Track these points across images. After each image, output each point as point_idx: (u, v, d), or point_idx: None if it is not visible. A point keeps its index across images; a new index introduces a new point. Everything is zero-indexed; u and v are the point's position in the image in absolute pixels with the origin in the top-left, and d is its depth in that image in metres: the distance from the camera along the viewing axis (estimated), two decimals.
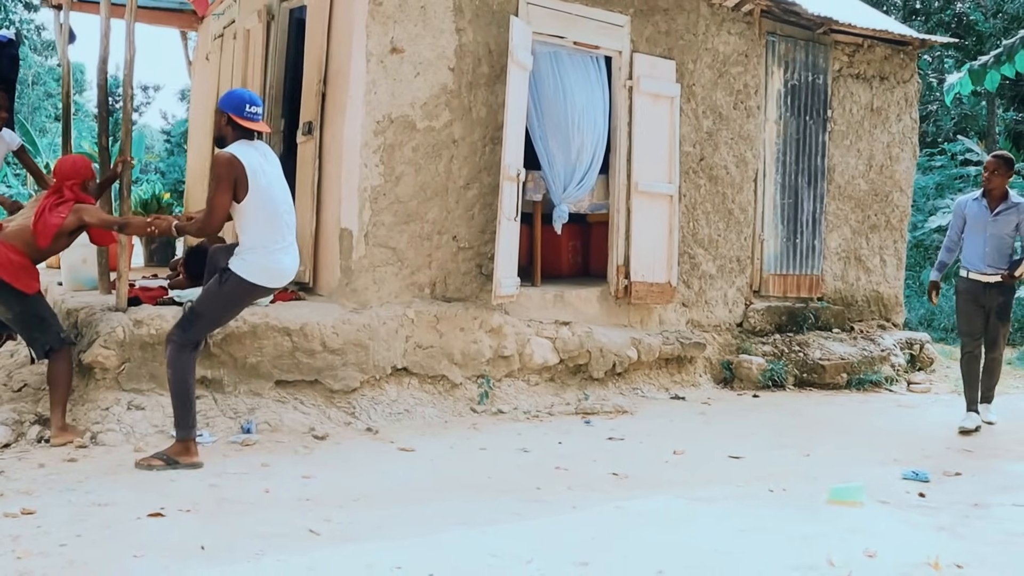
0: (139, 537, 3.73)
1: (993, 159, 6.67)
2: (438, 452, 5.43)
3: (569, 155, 7.39)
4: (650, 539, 4.00)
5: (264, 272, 4.88)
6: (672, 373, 7.78)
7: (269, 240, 4.88)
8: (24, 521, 3.86)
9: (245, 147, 4.88)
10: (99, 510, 4.05)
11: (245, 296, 4.98)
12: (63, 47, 8.88)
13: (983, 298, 6.70)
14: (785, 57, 8.69)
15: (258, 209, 4.84)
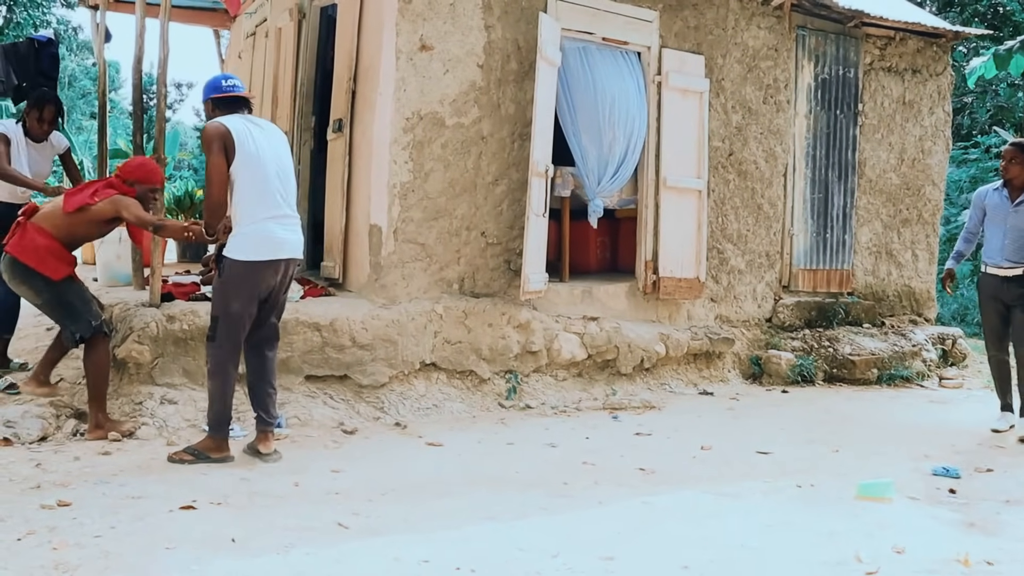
0: (171, 529, 3.79)
1: (1010, 147, 6.38)
2: (466, 447, 5.47)
3: (602, 149, 7.37)
4: (676, 534, 4.01)
5: (256, 245, 4.69)
6: (700, 369, 7.77)
7: (259, 210, 4.70)
8: (60, 513, 3.94)
9: (235, 118, 4.78)
10: (132, 503, 4.12)
11: (247, 279, 4.71)
12: (99, 46, 9.01)
13: (1002, 293, 6.38)
14: (815, 51, 8.63)
15: (246, 176, 4.68)
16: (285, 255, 4.81)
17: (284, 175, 4.85)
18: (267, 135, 4.85)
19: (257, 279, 4.75)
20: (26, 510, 3.94)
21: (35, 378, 5.36)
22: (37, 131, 6.16)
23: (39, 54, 7.04)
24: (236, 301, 4.74)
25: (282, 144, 4.94)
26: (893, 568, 3.65)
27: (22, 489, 4.25)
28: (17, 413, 5.23)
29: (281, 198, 4.79)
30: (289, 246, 4.82)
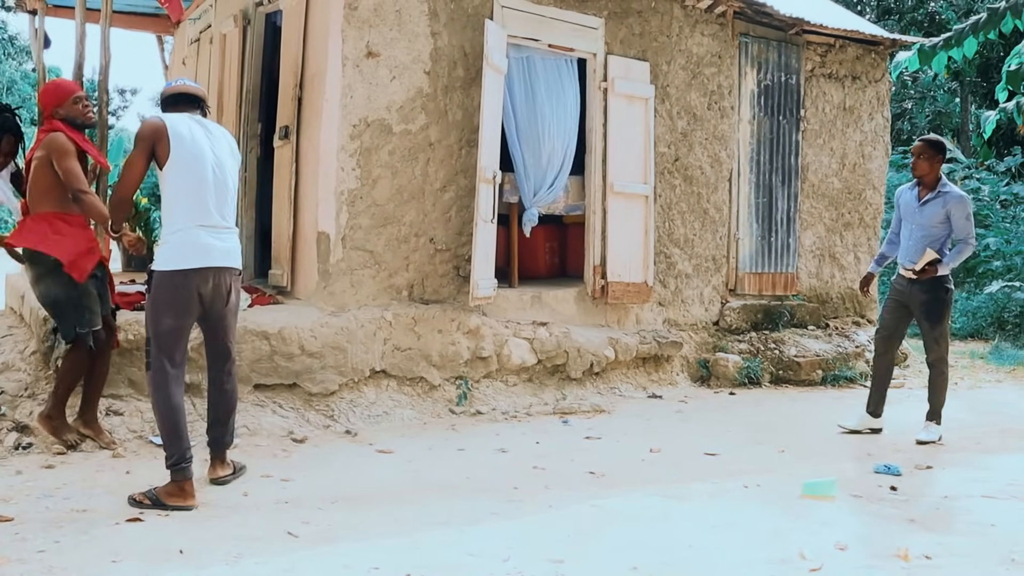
0: (117, 542, 3.75)
1: (918, 142, 6.19)
2: (417, 453, 5.47)
3: (540, 159, 7.45)
4: (625, 536, 4.05)
5: (183, 253, 4.36)
6: (649, 372, 7.85)
7: (188, 217, 4.38)
8: (1, 528, 3.87)
9: (179, 116, 4.51)
10: (77, 516, 4.06)
11: (176, 290, 4.34)
12: (38, 52, 8.87)
13: (906, 296, 6.21)
14: (758, 58, 8.78)
15: (179, 179, 4.37)
16: (216, 263, 4.42)
17: (222, 184, 4.51)
18: (213, 139, 4.54)
19: (187, 291, 4.36)
20: None
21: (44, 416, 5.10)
22: None
23: None
24: (167, 317, 4.36)
25: (228, 151, 4.61)
26: (836, 564, 3.73)
27: None
28: None
29: (215, 207, 4.46)
30: (220, 254, 4.45)
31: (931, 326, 6.18)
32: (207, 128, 4.57)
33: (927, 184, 6.17)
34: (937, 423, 6.26)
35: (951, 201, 6.05)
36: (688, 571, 3.67)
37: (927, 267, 6.04)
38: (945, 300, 6.15)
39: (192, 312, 4.46)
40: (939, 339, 6.21)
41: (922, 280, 6.10)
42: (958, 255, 6.07)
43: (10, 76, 33.11)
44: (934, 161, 6.12)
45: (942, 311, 6.16)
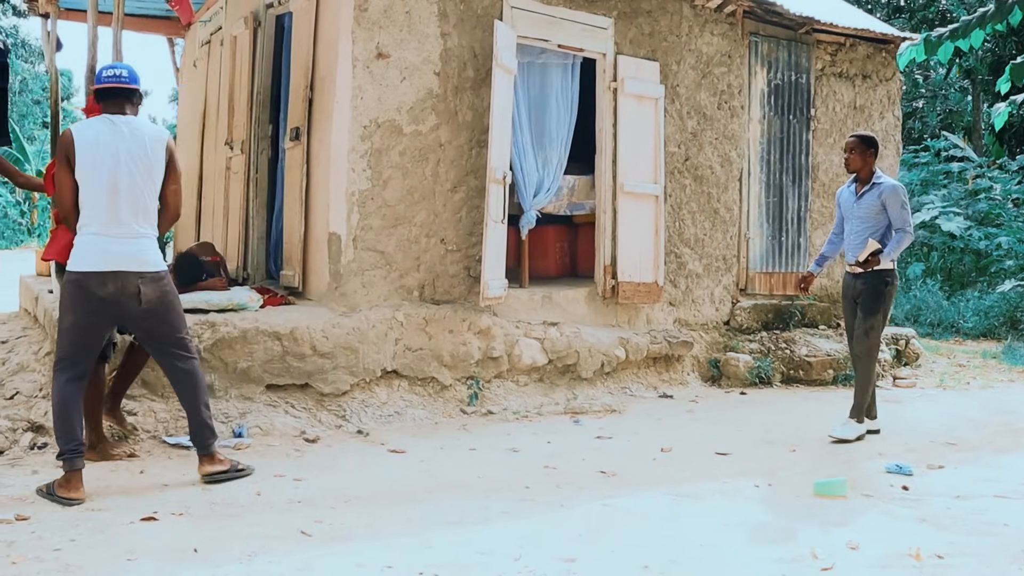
0: (132, 541, 3.78)
1: (850, 138, 6.25)
2: (428, 453, 5.49)
3: (536, 162, 7.49)
4: (636, 535, 4.07)
5: (80, 255, 4.45)
6: (660, 372, 7.85)
7: (92, 221, 4.46)
8: (19, 527, 3.91)
9: (94, 120, 4.58)
10: (93, 515, 4.10)
11: (77, 290, 4.44)
12: (51, 55, 8.94)
13: (852, 291, 6.25)
14: (768, 57, 8.77)
15: (83, 183, 4.45)
16: (113, 267, 4.44)
17: (129, 188, 4.49)
18: (126, 141, 4.50)
19: (84, 291, 4.43)
20: None
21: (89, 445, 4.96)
22: None
23: None
24: (70, 314, 4.48)
25: (140, 152, 4.52)
26: (847, 564, 3.74)
27: None
28: None
29: (119, 212, 4.47)
30: (117, 258, 4.45)
31: (864, 316, 6.15)
32: (120, 130, 4.53)
33: (862, 178, 6.23)
34: (858, 420, 6.20)
35: (885, 191, 6.09)
36: (699, 570, 3.68)
37: (870, 258, 6.04)
38: (883, 292, 6.11)
39: (92, 313, 4.48)
40: (869, 331, 6.16)
41: (863, 273, 6.14)
42: (897, 244, 6.04)
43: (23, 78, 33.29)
44: (866, 155, 6.17)
45: (877, 302, 6.12)
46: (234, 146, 8.22)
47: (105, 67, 4.75)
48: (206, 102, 9.45)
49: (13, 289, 9.36)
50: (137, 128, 4.57)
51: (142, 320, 4.59)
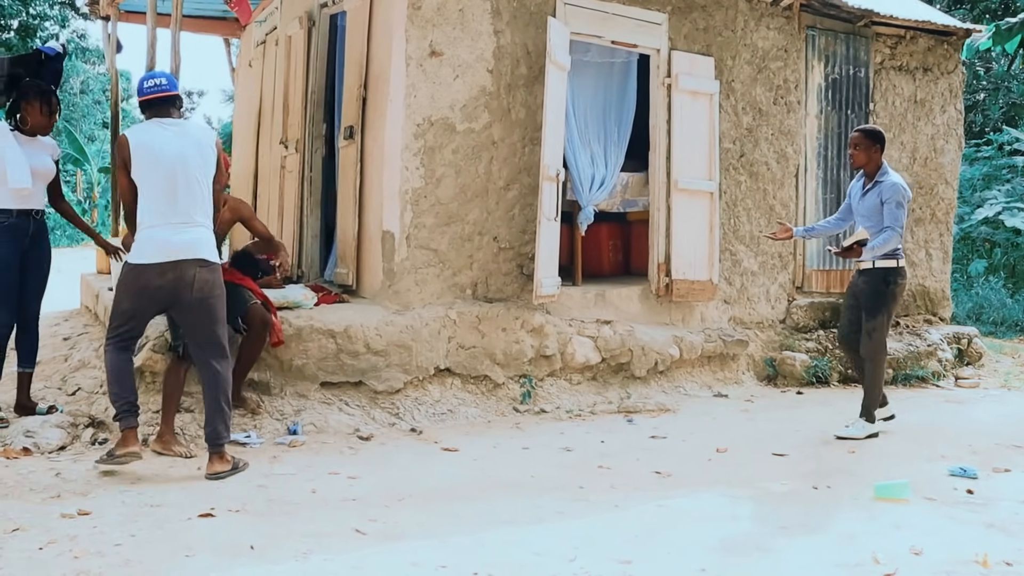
0: (190, 537, 3.82)
1: (855, 132, 6.11)
2: (481, 452, 5.48)
3: (594, 158, 7.45)
4: (693, 537, 4.02)
5: (141, 248, 4.75)
6: (715, 371, 7.76)
7: (151, 217, 4.74)
8: (81, 521, 3.97)
9: (146, 124, 4.87)
10: (152, 511, 4.15)
11: (133, 281, 4.75)
12: (111, 57, 9.10)
13: (856, 287, 6.14)
14: (825, 51, 8.62)
15: (142, 183, 4.75)
16: (172, 257, 4.71)
17: (186, 184, 4.77)
18: (178, 140, 4.79)
19: (142, 281, 4.73)
20: (47, 519, 3.97)
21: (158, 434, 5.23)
22: (42, 125, 5.64)
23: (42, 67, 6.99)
24: (125, 301, 4.81)
25: (194, 150, 4.81)
26: (911, 569, 3.65)
27: (43, 499, 4.29)
28: (36, 423, 5.27)
29: (178, 205, 4.76)
30: (176, 248, 4.72)
31: (867, 317, 6.01)
32: (171, 131, 4.83)
33: (869, 174, 6.09)
34: (868, 421, 6.08)
35: (884, 188, 5.94)
36: (758, 573, 3.62)
37: (855, 246, 5.87)
38: (883, 292, 5.96)
39: (146, 301, 4.79)
40: (872, 332, 6.00)
41: (867, 271, 6.01)
42: (883, 241, 5.84)
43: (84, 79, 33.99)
44: (871, 151, 6.01)
45: (879, 304, 5.97)
46: (289, 145, 8.29)
47: (144, 78, 4.99)
48: (261, 101, 9.55)
49: (75, 286, 9.54)
50: (187, 129, 4.91)
51: (190, 309, 4.81)
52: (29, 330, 5.67)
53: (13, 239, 5.48)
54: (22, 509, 4.10)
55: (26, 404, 5.65)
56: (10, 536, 3.76)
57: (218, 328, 4.87)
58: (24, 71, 6.16)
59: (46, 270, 5.72)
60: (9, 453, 4.97)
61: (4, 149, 5.44)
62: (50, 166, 5.67)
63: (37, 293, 5.69)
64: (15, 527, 3.86)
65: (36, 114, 5.60)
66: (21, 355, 5.68)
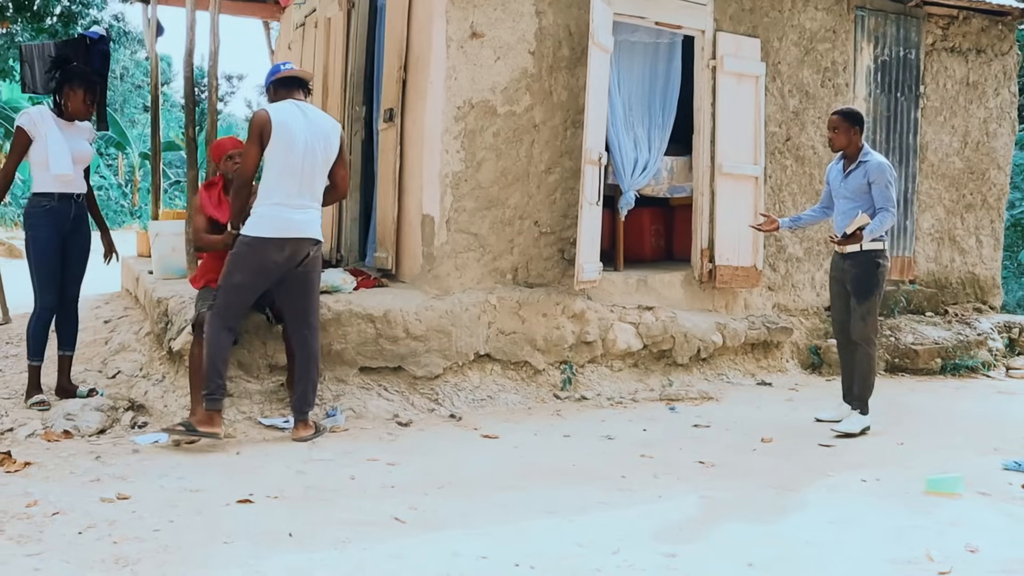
0: (229, 523, 3.78)
1: (833, 115, 5.92)
2: (522, 439, 5.40)
3: (636, 142, 7.32)
4: (739, 530, 3.92)
5: (263, 223, 4.95)
6: (758, 359, 7.62)
7: (275, 193, 4.97)
8: (120, 506, 3.95)
9: (285, 103, 5.08)
10: (191, 496, 4.12)
11: (251, 254, 4.95)
12: (151, 40, 9.09)
13: (840, 272, 5.94)
14: (875, 32, 8.40)
15: (273, 159, 4.95)
16: (292, 234, 4.98)
17: (311, 167, 5.03)
18: (311, 125, 5.04)
19: (260, 255, 4.95)
20: (87, 503, 3.95)
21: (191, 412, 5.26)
22: (82, 111, 5.59)
23: (90, 51, 7.04)
24: (238, 273, 4.97)
25: (322, 137, 5.07)
26: (967, 567, 3.53)
27: (82, 482, 4.28)
28: (77, 406, 5.27)
29: (301, 186, 5.02)
30: (296, 226, 4.99)
31: (857, 302, 5.83)
32: (305, 114, 5.08)
33: (849, 156, 5.92)
34: (862, 412, 5.85)
35: (871, 170, 5.78)
36: (806, 569, 3.51)
37: (857, 231, 5.71)
38: (874, 275, 5.79)
39: (260, 274, 5.01)
40: (865, 316, 5.82)
41: (853, 255, 5.81)
42: (880, 223, 5.69)
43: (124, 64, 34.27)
44: (851, 132, 5.85)
45: (870, 286, 5.80)
46: None
47: (278, 64, 5.29)
48: None
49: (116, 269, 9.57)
50: (319, 116, 5.14)
51: (295, 284, 5.12)
52: (69, 313, 5.68)
53: (55, 223, 5.48)
54: (62, 492, 4.09)
55: (67, 387, 5.66)
56: (50, 520, 3.75)
57: (314, 302, 5.23)
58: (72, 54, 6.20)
59: (86, 254, 5.71)
60: (50, 436, 4.98)
61: (47, 134, 5.43)
62: (88, 150, 5.66)
63: (77, 277, 5.69)
64: (55, 511, 3.84)
65: (78, 101, 5.56)
66: (61, 338, 5.68)
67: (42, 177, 5.45)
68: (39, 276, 5.48)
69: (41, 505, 3.90)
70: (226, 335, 5.00)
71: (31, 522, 3.71)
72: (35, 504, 3.91)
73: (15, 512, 3.81)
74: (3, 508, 3.85)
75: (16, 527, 3.65)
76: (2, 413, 5.32)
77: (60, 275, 5.54)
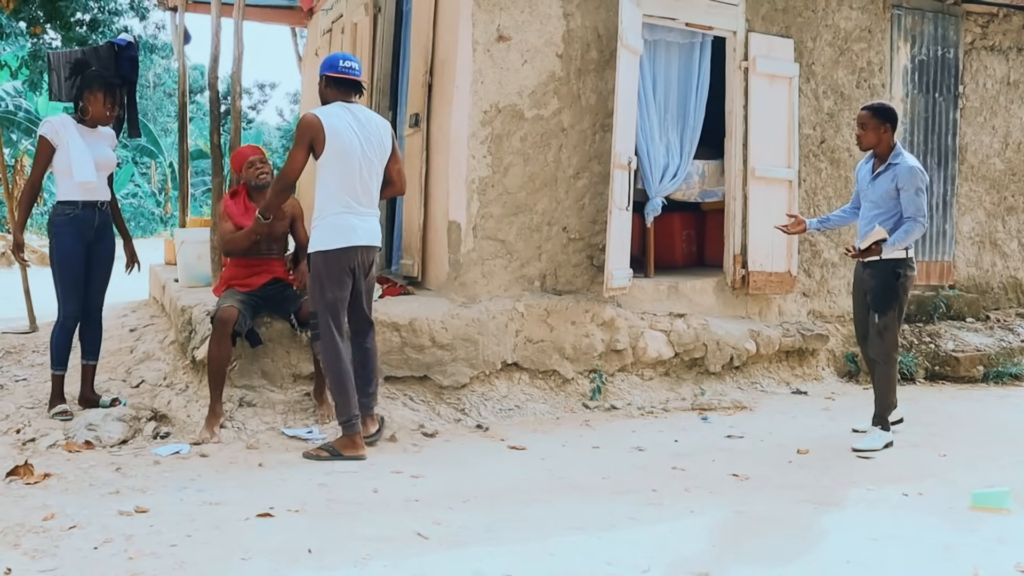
0: (248, 538, 3.68)
1: (862, 110, 5.55)
2: (550, 450, 5.27)
3: (664, 146, 7.17)
4: (775, 547, 3.76)
5: (333, 233, 4.90)
6: (793, 367, 7.44)
7: (336, 203, 4.91)
8: (138, 520, 3.86)
9: (335, 107, 4.95)
10: (210, 509, 4.03)
11: (332, 267, 4.91)
12: (179, 47, 9.07)
13: (861, 282, 5.63)
14: (912, 31, 8.20)
15: (330, 168, 4.88)
16: (360, 242, 4.95)
17: (371, 175, 4.99)
18: (364, 128, 4.95)
19: (339, 266, 4.92)
20: (104, 516, 3.88)
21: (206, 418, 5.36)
22: (103, 117, 5.48)
23: (119, 58, 7.01)
24: (328, 291, 4.93)
25: (375, 138, 4.99)
26: None
27: (101, 494, 4.21)
28: (99, 416, 5.21)
29: (361, 193, 4.96)
30: (362, 234, 4.96)
31: (876, 315, 5.53)
32: (358, 117, 4.97)
33: (880, 155, 5.55)
34: (883, 428, 5.57)
35: (900, 173, 5.40)
36: None
37: (872, 246, 5.39)
38: (894, 287, 5.45)
39: (347, 284, 4.98)
40: (883, 331, 5.51)
41: (873, 264, 5.48)
42: (905, 234, 5.34)
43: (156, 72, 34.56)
44: (880, 130, 5.48)
45: (889, 299, 5.47)
46: None
47: (339, 56, 5.10)
48: None
49: (144, 277, 9.57)
50: (369, 117, 5.04)
51: (362, 291, 5.11)
52: (93, 322, 5.62)
53: (78, 231, 5.42)
54: (80, 505, 4.02)
55: (90, 397, 5.60)
56: (66, 534, 3.67)
57: (370, 306, 5.24)
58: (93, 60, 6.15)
59: (110, 263, 5.65)
60: (72, 447, 4.92)
61: (69, 142, 5.37)
62: (111, 157, 5.60)
63: (101, 286, 5.63)
64: (72, 524, 3.77)
65: (98, 106, 5.46)
66: (85, 347, 5.63)
67: (66, 185, 5.40)
68: (62, 285, 5.43)
69: (58, 518, 3.83)
70: (346, 353, 4.99)
71: (47, 536, 3.64)
72: (52, 517, 3.84)
73: (31, 526, 3.74)
74: (20, 521, 3.79)
75: (31, 541, 3.58)
76: (25, 423, 5.27)
77: (84, 284, 5.48)
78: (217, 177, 6.67)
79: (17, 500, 4.08)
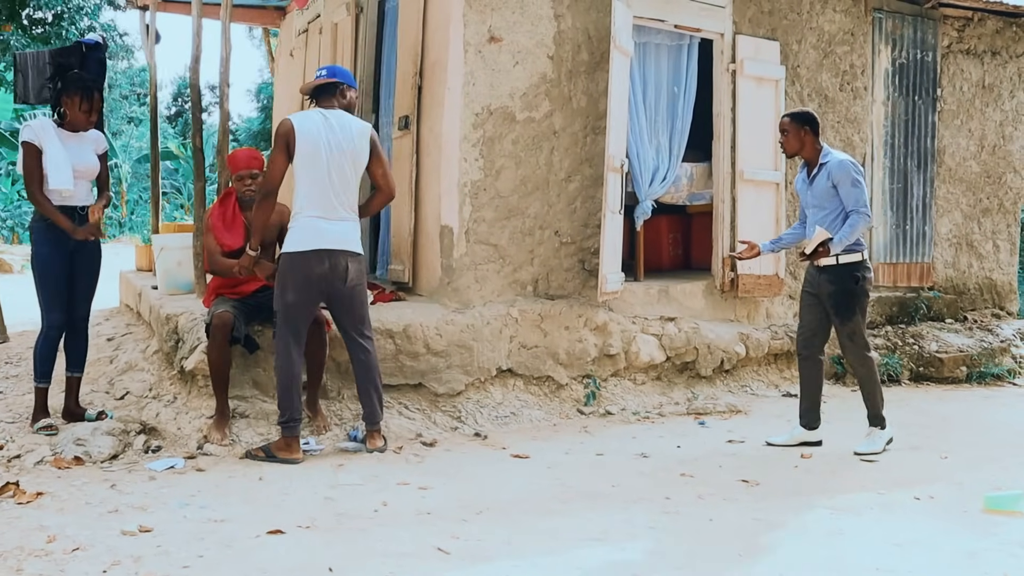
0: (262, 557, 3.54)
1: (783, 118, 5.51)
2: (554, 458, 5.17)
3: (652, 149, 7.12)
4: (799, 554, 3.70)
5: (301, 236, 4.87)
6: (781, 369, 7.43)
7: (309, 206, 4.89)
8: (144, 540, 3.69)
9: (310, 111, 4.98)
10: (217, 527, 3.87)
11: (296, 269, 4.86)
12: (150, 47, 8.84)
13: (815, 286, 5.49)
14: (892, 34, 8.25)
15: (303, 173, 4.88)
16: (327, 246, 4.88)
17: (339, 175, 4.92)
18: (333, 132, 4.90)
19: (305, 268, 4.85)
20: (108, 537, 3.70)
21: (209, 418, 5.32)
22: (81, 121, 5.25)
23: (86, 59, 6.74)
24: (289, 292, 4.88)
25: (347, 142, 4.93)
26: None
27: (100, 513, 4.02)
28: (87, 430, 5.00)
29: (332, 196, 4.91)
30: (331, 238, 4.89)
31: (840, 321, 5.43)
32: (328, 121, 4.93)
33: (809, 161, 5.49)
34: (881, 428, 5.51)
35: (833, 169, 5.33)
36: None
37: (819, 248, 5.32)
38: (854, 291, 5.38)
39: (311, 289, 4.91)
40: (852, 336, 5.43)
41: (830, 270, 5.39)
42: (851, 228, 5.26)
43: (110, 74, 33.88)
44: (801, 133, 5.42)
45: (851, 304, 5.39)
46: None
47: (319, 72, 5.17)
48: None
49: (112, 283, 9.30)
50: (343, 121, 4.97)
51: (344, 299, 5.02)
52: (78, 333, 5.40)
53: (57, 238, 5.18)
54: (80, 525, 3.84)
55: (75, 410, 5.39)
56: (70, 557, 3.49)
57: (366, 315, 5.14)
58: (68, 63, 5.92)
59: (95, 271, 5.42)
60: (61, 463, 4.71)
61: (46, 147, 5.14)
62: (93, 162, 5.32)
63: (86, 295, 5.40)
64: (75, 546, 3.59)
65: (75, 109, 5.21)
66: (70, 359, 5.41)
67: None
68: (44, 293, 5.21)
69: (60, 540, 3.65)
70: (297, 357, 4.95)
71: (51, 559, 3.46)
72: (54, 540, 3.65)
73: (32, 549, 3.55)
74: (19, 544, 3.60)
75: (35, 566, 3.39)
76: (7, 439, 5.05)
77: (67, 293, 5.27)
78: (199, 181, 6.47)
79: (11, 521, 3.88)
